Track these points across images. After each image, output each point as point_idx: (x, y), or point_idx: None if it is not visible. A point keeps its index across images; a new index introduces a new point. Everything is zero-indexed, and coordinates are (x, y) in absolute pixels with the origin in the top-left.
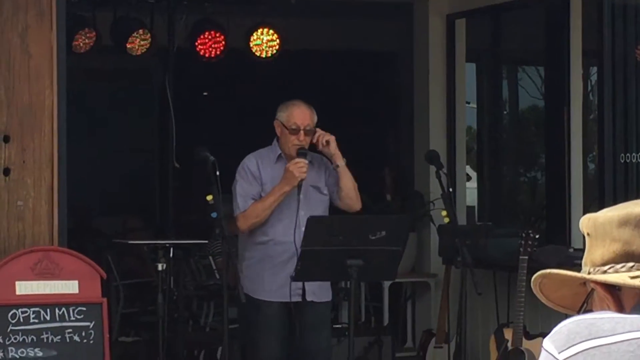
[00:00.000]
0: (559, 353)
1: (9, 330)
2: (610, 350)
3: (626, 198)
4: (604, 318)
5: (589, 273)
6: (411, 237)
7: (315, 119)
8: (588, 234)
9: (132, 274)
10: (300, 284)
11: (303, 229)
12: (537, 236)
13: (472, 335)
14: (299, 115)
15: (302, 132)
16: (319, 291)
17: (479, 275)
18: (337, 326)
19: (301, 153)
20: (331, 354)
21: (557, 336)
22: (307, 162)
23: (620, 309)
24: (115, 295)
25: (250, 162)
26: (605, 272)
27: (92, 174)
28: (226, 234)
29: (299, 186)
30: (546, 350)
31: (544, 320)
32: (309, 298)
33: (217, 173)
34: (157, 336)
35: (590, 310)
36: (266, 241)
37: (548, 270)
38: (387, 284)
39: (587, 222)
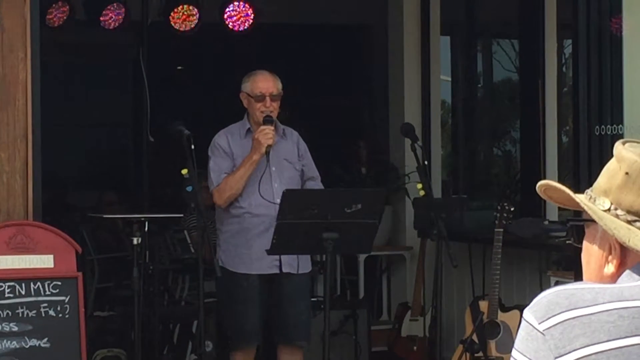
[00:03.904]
0: (539, 324)
1: None
2: (591, 321)
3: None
4: (585, 288)
5: (610, 210)
6: (386, 210)
7: (280, 85)
8: (627, 173)
9: (107, 248)
10: (276, 256)
11: (278, 200)
12: (512, 209)
13: (447, 307)
14: (262, 82)
15: (267, 98)
16: (296, 263)
17: (455, 248)
18: (313, 299)
19: (267, 120)
20: (310, 325)
21: (537, 307)
22: (272, 128)
23: (623, 262)
24: (90, 269)
25: (220, 138)
26: (629, 222)
27: (66, 148)
28: (201, 208)
29: (267, 153)
30: (526, 321)
31: (519, 292)
32: (285, 270)
33: (192, 147)
34: (133, 310)
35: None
36: (241, 214)
37: (564, 189)
38: (362, 257)
39: (631, 163)
